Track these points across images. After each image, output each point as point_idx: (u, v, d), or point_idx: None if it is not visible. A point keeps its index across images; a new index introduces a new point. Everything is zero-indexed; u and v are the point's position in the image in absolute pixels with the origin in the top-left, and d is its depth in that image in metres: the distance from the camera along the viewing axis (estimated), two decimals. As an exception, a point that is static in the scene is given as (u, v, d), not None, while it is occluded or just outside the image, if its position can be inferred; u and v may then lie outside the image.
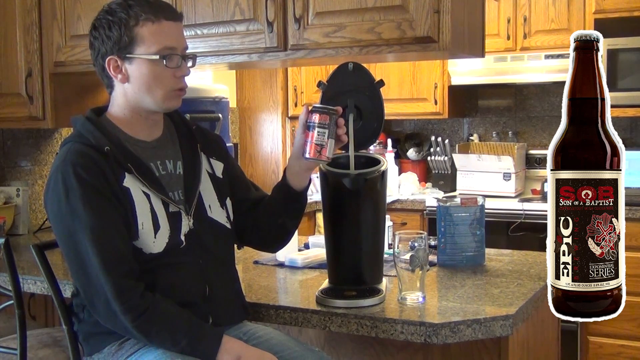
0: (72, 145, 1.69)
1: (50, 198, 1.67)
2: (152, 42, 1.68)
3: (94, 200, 1.62)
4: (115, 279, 1.59)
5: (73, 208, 1.62)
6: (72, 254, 1.65)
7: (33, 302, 2.67)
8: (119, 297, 1.58)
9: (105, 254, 1.60)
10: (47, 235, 3.10)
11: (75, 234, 1.62)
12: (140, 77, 1.70)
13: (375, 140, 1.99)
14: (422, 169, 4.66)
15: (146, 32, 1.68)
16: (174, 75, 1.72)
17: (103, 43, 1.71)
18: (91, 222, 1.61)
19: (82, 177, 1.63)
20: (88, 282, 1.62)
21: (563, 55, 3.89)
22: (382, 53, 2.28)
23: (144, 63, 1.69)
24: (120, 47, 1.69)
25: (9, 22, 3.03)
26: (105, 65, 1.72)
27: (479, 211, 2.28)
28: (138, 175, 1.68)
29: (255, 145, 4.69)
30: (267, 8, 2.40)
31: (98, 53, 1.73)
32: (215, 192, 1.84)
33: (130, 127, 1.76)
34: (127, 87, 1.73)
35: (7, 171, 3.33)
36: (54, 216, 1.68)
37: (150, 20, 1.68)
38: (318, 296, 1.89)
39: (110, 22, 1.69)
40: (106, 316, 1.63)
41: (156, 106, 1.74)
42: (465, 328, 1.70)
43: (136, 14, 1.68)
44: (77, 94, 3.11)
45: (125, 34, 1.68)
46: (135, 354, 1.68)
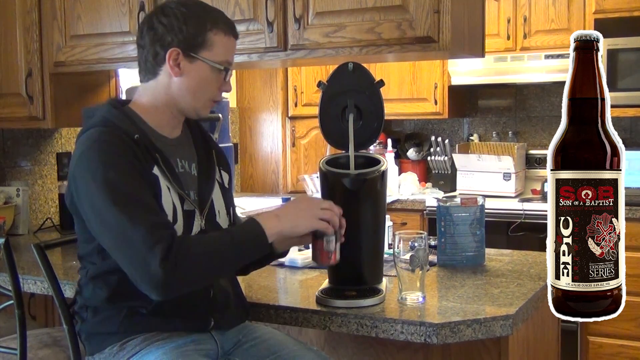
0: (99, 129, 1.65)
1: (83, 175, 1.61)
2: (219, 52, 1.71)
3: (128, 174, 1.59)
4: (148, 232, 1.53)
5: (108, 179, 1.57)
6: (108, 227, 1.58)
7: (33, 302, 2.67)
8: (151, 238, 1.52)
9: (144, 223, 1.54)
10: (47, 235, 3.10)
11: (111, 205, 1.56)
12: (196, 78, 1.71)
13: (375, 140, 1.99)
14: (422, 169, 4.66)
15: (218, 40, 1.71)
16: (220, 87, 1.75)
17: (171, 32, 1.68)
18: (127, 189, 1.57)
19: (117, 152, 1.60)
20: (130, 248, 1.55)
21: (563, 55, 3.89)
22: (382, 53, 2.28)
23: (205, 67, 1.71)
24: (190, 44, 1.68)
25: (9, 22, 3.04)
26: (163, 53, 1.69)
27: (479, 211, 2.28)
28: (163, 167, 1.68)
29: (255, 145, 4.69)
30: (267, 8, 2.40)
31: (159, 39, 1.69)
32: (224, 200, 1.86)
33: (157, 120, 1.75)
34: (175, 82, 1.71)
35: (7, 171, 3.33)
36: (87, 192, 1.61)
37: (223, 32, 1.72)
38: (318, 296, 1.89)
39: (186, 16, 1.68)
40: (150, 274, 1.52)
41: (192, 109, 1.75)
42: (465, 328, 1.70)
43: (214, 19, 1.71)
44: (77, 94, 3.12)
45: (200, 33, 1.68)
46: (137, 355, 1.68)
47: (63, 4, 2.89)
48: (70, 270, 2.30)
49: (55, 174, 3.50)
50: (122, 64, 2.84)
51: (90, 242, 1.71)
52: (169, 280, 1.52)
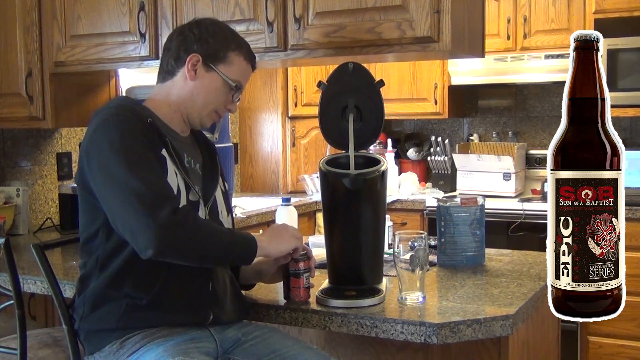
0: (113, 110, 1.74)
1: (98, 143, 1.68)
2: (234, 71, 1.84)
3: (142, 145, 1.68)
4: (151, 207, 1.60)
5: (124, 145, 1.66)
6: (117, 184, 1.64)
7: (33, 302, 2.67)
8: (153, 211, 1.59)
9: (155, 185, 1.64)
10: (47, 235, 3.10)
11: (125, 166, 1.63)
12: (207, 86, 1.82)
13: (375, 140, 1.99)
14: (422, 169, 4.66)
15: (237, 61, 1.84)
16: (226, 104, 1.86)
17: (198, 41, 1.81)
18: (142, 155, 1.66)
19: (132, 127, 1.69)
20: (139, 201, 1.61)
21: (563, 55, 3.89)
22: (382, 53, 2.28)
23: (218, 79, 1.82)
24: (210, 55, 1.81)
25: (9, 22, 3.04)
26: (185, 56, 1.81)
27: (479, 211, 2.28)
28: (172, 152, 1.75)
29: (255, 145, 4.69)
30: (267, 8, 2.40)
31: (185, 44, 1.82)
32: (225, 202, 1.92)
33: (169, 117, 1.84)
34: (189, 84, 1.82)
35: (7, 171, 3.33)
36: (99, 157, 1.68)
37: (243, 57, 1.85)
38: (318, 296, 1.89)
39: (215, 32, 1.83)
40: (148, 237, 1.59)
41: (197, 115, 1.85)
42: (465, 328, 1.70)
43: (239, 44, 1.85)
44: (77, 94, 3.12)
45: (223, 49, 1.82)
46: (137, 353, 1.68)
47: (63, 4, 2.89)
48: (70, 270, 2.30)
49: (55, 174, 3.50)
50: (122, 64, 2.84)
51: (94, 222, 1.74)
52: (170, 235, 1.59)
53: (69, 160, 3.52)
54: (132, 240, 1.62)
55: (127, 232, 1.63)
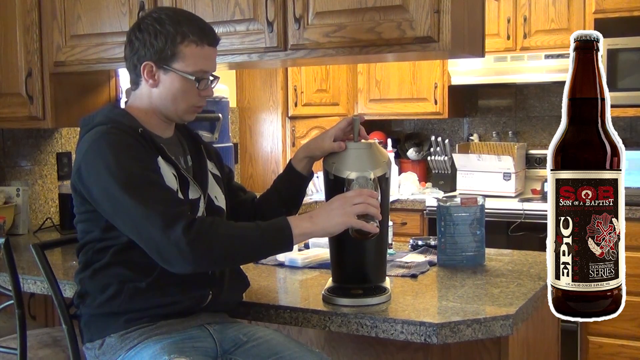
0: (104, 126, 1.73)
1: (93, 164, 1.67)
2: (191, 63, 1.77)
3: (138, 159, 1.68)
4: (164, 214, 1.61)
5: (120, 164, 1.65)
6: (125, 212, 1.64)
7: (33, 302, 2.67)
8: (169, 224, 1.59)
9: (161, 203, 1.63)
10: (47, 235, 3.10)
11: (125, 190, 1.63)
12: (171, 88, 1.78)
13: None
14: (422, 169, 4.66)
15: (189, 52, 1.76)
16: (200, 94, 1.81)
17: (144, 47, 1.76)
18: (139, 172, 1.66)
19: (125, 142, 1.68)
20: (152, 226, 1.61)
21: (563, 55, 3.89)
22: (382, 53, 2.28)
23: (178, 78, 1.77)
24: (161, 58, 1.76)
25: (9, 22, 3.03)
26: (139, 66, 1.78)
27: (479, 211, 2.28)
28: (168, 157, 1.75)
29: (255, 145, 4.69)
30: (267, 8, 2.40)
31: (135, 53, 1.79)
32: (217, 184, 1.92)
33: (149, 123, 1.82)
34: (154, 92, 1.80)
35: (7, 171, 3.33)
36: (97, 180, 1.67)
37: (195, 43, 1.77)
38: (324, 295, 1.89)
39: (157, 32, 1.75)
40: (172, 255, 1.61)
41: (175, 116, 1.83)
42: (465, 328, 1.70)
43: (184, 33, 1.75)
44: (77, 94, 3.12)
45: (169, 47, 1.75)
46: (134, 349, 1.70)
47: (63, 4, 2.89)
48: (70, 270, 2.30)
49: (55, 174, 3.50)
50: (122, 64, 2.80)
51: (92, 222, 1.75)
52: (192, 247, 1.58)
53: (69, 160, 3.52)
54: (161, 261, 1.64)
55: (158, 258, 1.64)
